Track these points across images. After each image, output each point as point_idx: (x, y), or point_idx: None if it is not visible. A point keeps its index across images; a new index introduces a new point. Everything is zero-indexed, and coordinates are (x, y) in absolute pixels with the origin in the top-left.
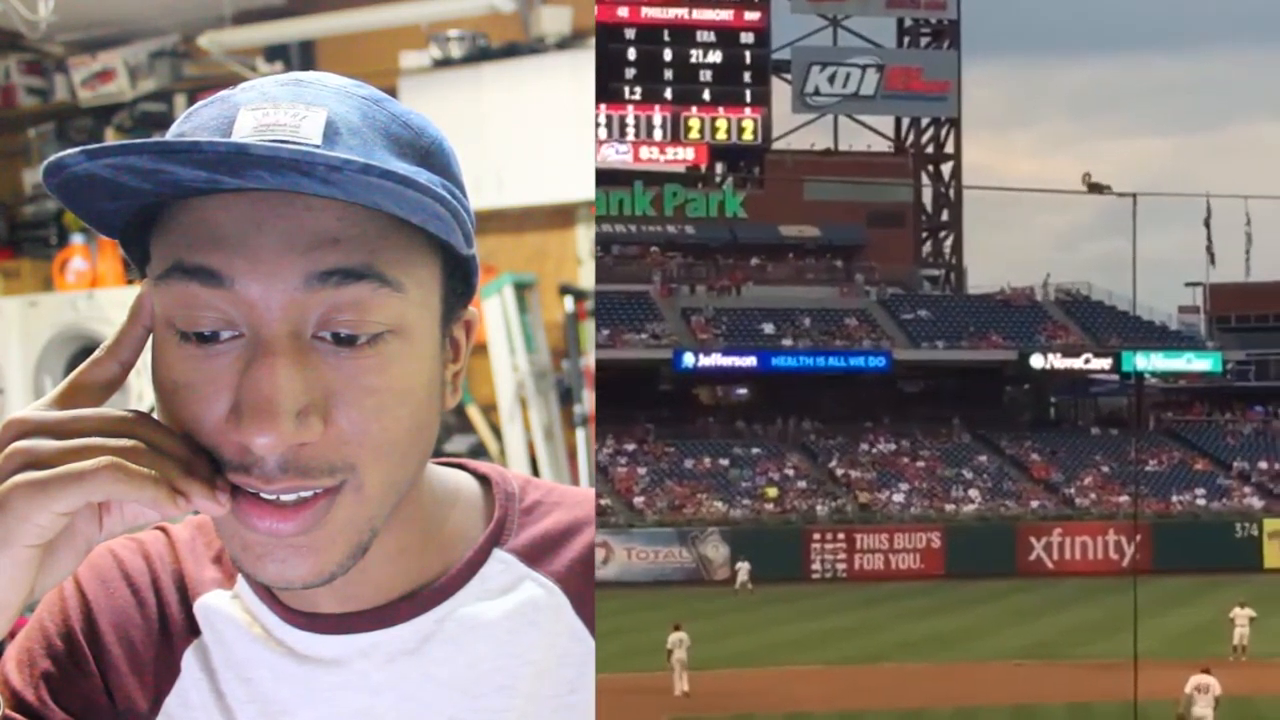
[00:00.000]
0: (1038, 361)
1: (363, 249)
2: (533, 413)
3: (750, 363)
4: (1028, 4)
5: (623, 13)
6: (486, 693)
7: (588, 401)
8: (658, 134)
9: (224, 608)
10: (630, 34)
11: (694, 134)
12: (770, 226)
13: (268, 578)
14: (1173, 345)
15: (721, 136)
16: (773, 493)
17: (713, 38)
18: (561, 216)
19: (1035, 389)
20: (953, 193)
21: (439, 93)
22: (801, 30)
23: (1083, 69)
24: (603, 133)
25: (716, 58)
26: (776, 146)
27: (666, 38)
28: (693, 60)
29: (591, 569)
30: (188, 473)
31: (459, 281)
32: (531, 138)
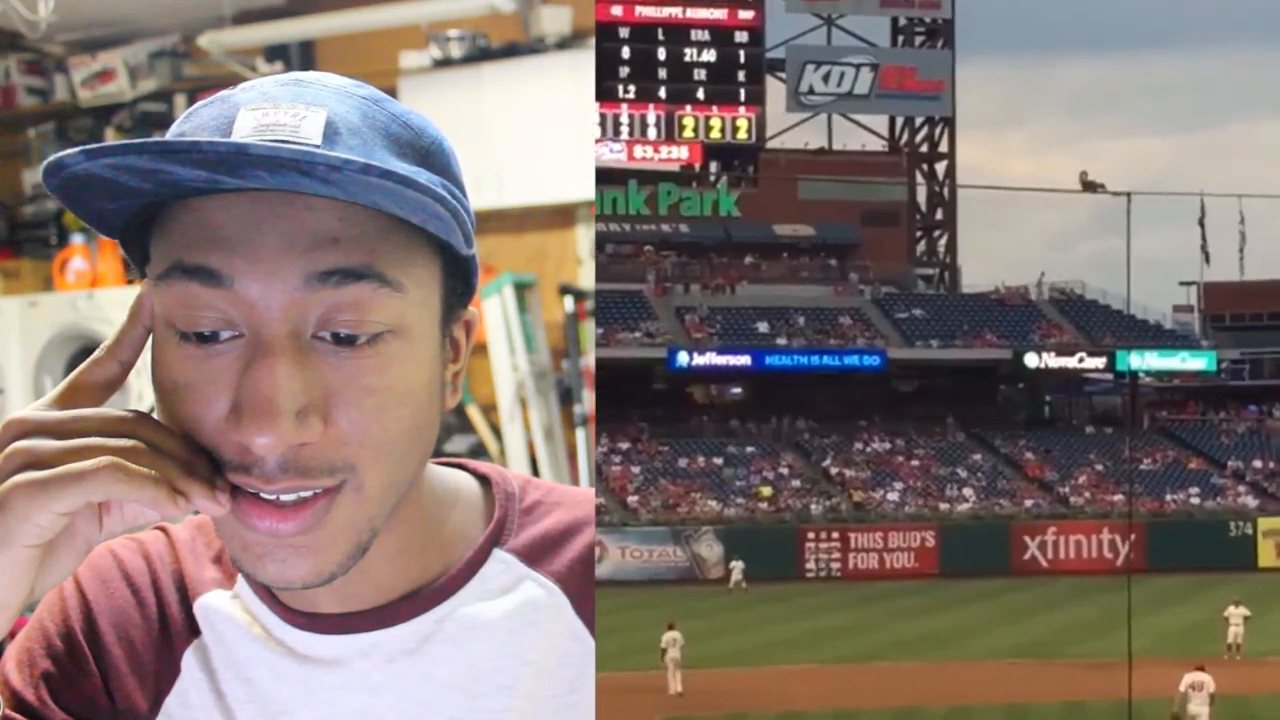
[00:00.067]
0: (1032, 360)
1: (363, 249)
2: (533, 413)
3: (744, 361)
4: (1023, 3)
5: (617, 11)
6: (486, 693)
7: (588, 401)
8: (652, 133)
9: (224, 608)
10: (625, 33)
11: (688, 133)
12: (764, 225)
13: (268, 578)
14: (1167, 344)
15: (716, 135)
16: (767, 491)
17: (707, 36)
18: (561, 216)
19: (1030, 388)
20: (947, 192)
21: (439, 93)
22: (796, 29)
23: (1078, 68)
24: (597, 131)
25: (711, 56)
26: (771, 145)
27: (661, 36)
28: (687, 59)
29: (591, 569)
30: (188, 473)
31: (459, 281)
32: (531, 138)
